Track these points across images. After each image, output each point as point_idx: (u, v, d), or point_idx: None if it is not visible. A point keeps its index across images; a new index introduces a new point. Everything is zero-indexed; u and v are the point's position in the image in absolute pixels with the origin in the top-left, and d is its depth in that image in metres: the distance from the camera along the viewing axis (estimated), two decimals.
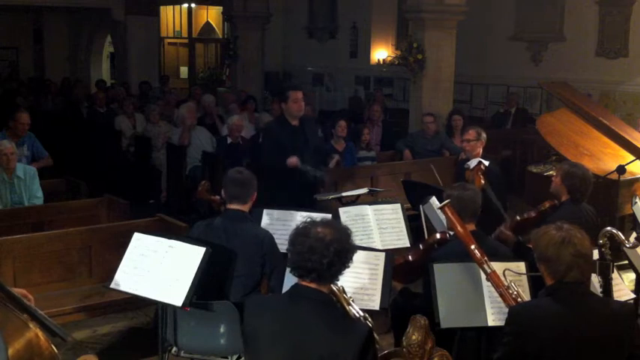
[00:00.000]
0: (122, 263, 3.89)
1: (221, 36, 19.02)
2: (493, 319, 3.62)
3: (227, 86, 15.88)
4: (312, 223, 2.81)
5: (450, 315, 3.62)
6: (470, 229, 3.79)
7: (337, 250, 2.73)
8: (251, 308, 2.87)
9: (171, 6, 18.20)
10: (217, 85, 16.96)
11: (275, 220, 4.65)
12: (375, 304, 3.88)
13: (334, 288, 2.97)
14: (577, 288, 2.98)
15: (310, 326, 2.68)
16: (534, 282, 3.58)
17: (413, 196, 5.87)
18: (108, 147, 9.59)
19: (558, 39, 11.29)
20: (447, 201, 3.80)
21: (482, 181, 5.23)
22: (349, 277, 3.83)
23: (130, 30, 16.17)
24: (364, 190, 6.05)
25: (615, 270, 3.78)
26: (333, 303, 2.90)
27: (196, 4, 18.32)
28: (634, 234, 4.26)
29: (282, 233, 4.39)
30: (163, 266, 3.78)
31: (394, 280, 4.17)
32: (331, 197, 5.86)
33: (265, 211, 4.68)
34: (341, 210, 4.92)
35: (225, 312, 3.83)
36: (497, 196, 5.30)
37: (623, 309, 3.08)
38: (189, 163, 8.55)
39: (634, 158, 6.73)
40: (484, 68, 12.15)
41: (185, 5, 18.32)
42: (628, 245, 3.83)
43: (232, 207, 4.18)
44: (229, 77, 15.52)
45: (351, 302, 3.08)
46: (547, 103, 11.19)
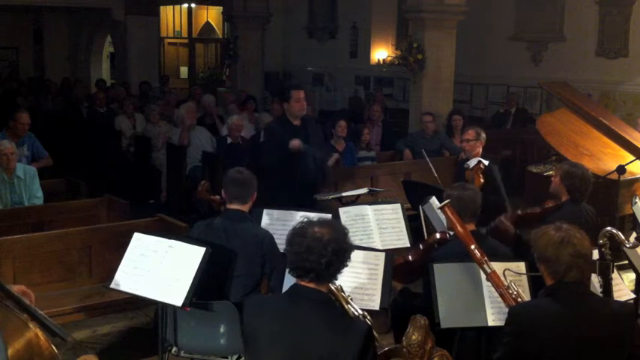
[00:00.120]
0: (122, 263, 3.89)
1: (221, 36, 19.01)
2: (493, 319, 3.62)
3: (227, 86, 15.88)
4: (309, 223, 2.81)
5: (450, 315, 3.62)
6: (470, 229, 3.79)
7: (335, 250, 2.73)
8: (250, 308, 2.87)
9: (171, 6, 18.19)
10: (217, 85, 16.96)
11: (275, 220, 4.65)
12: (375, 304, 3.87)
13: (332, 287, 2.98)
14: (577, 288, 2.98)
15: (310, 326, 2.69)
16: (534, 282, 3.58)
17: (413, 196, 5.87)
18: (108, 147, 9.59)
19: (558, 39, 11.29)
20: (447, 201, 3.80)
21: (481, 180, 5.24)
22: (349, 277, 3.83)
23: (130, 30, 16.17)
24: (364, 190, 6.05)
25: (615, 270, 3.78)
26: (332, 302, 2.90)
27: (196, 4, 18.32)
28: (634, 234, 4.26)
29: (282, 233, 4.38)
30: (163, 266, 3.78)
31: (394, 280, 4.16)
32: (331, 197, 5.87)
33: (265, 211, 4.67)
34: (341, 210, 4.91)
35: (225, 312, 3.83)
36: (494, 196, 5.31)
37: (623, 309, 3.08)
38: (189, 163, 8.55)
39: (634, 158, 6.73)
40: (484, 68, 12.15)
41: (185, 5, 18.32)
42: (628, 245, 3.83)
43: (232, 207, 4.19)
44: (229, 77, 15.52)
45: (350, 301, 3.08)
46: (547, 103, 11.19)
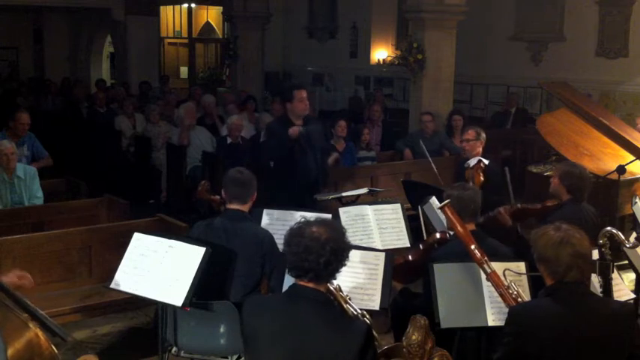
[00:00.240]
0: (122, 263, 3.89)
1: (221, 36, 19.01)
2: (493, 319, 3.62)
3: (227, 86, 15.87)
4: (306, 223, 2.81)
5: (450, 315, 3.62)
6: (470, 229, 3.79)
7: (333, 249, 2.73)
8: (250, 308, 2.86)
9: (171, 6, 18.19)
10: (217, 85, 16.96)
11: (275, 220, 4.64)
12: (375, 304, 3.88)
13: (331, 287, 2.98)
14: (577, 288, 2.98)
15: (309, 326, 2.69)
16: (534, 282, 3.58)
17: (413, 196, 5.86)
18: (108, 147, 9.59)
19: (558, 39, 11.28)
20: (447, 201, 3.80)
21: (481, 179, 5.25)
22: (349, 277, 3.84)
23: (130, 30, 16.17)
24: (364, 190, 6.05)
25: (615, 270, 3.78)
26: (332, 302, 2.90)
27: (196, 4, 18.32)
28: (634, 234, 4.26)
29: (282, 233, 4.33)
30: (163, 266, 3.78)
31: (394, 280, 4.17)
32: (331, 197, 5.86)
33: (265, 211, 4.67)
34: (341, 210, 4.91)
35: (225, 312, 3.83)
36: (496, 196, 5.30)
37: (623, 309, 3.08)
38: (189, 163, 8.55)
39: (634, 158, 6.73)
40: (484, 68, 12.15)
41: (185, 5, 18.32)
42: (628, 245, 3.83)
43: (232, 207, 4.18)
44: (229, 77, 15.51)
45: (349, 301, 3.08)
46: (547, 103, 11.19)
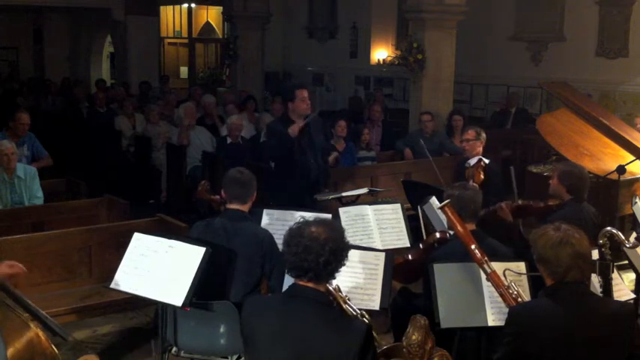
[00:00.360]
0: (122, 263, 3.89)
1: (221, 36, 19.00)
2: (493, 319, 3.62)
3: (227, 86, 15.87)
4: (305, 223, 2.81)
5: (450, 315, 3.62)
6: (470, 229, 3.79)
7: (332, 249, 2.73)
8: (249, 308, 2.86)
9: (171, 6, 18.18)
10: (217, 85, 16.96)
11: (275, 220, 4.64)
12: (375, 304, 3.88)
13: (330, 288, 2.98)
14: (577, 288, 2.98)
15: (309, 326, 2.69)
16: (534, 282, 3.58)
17: (413, 196, 5.87)
18: (108, 147, 9.58)
19: (558, 39, 11.28)
20: (447, 201, 3.80)
21: (481, 177, 5.25)
22: (349, 277, 3.84)
23: (130, 30, 16.15)
24: (364, 190, 6.05)
25: (615, 270, 3.78)
26: (331, 302, 2.90)
27: (196, 4, 18.31)
28: (634, 234, 4.26)
29: (282, 233, 4.31)
30: (163, 266, 3.78)
31: (394, 280, 4.17)
32: (331, 197, 5.87)
33: (265, 211, 4.67)
34: (341, 210, 4.91)
35: (225, 312, 3.83)
36: (496, 195, 5.31)
37: (623, 309, 3.08)
38: (189, 163, 8.55)
39: (634, 158, 6.72)
40: (484, 68, 12.15)
41: (185, 5, 18.31)
42: (628, 245, 3.83)
43: (232, 207, 4.18)
44: (229, 77, 15.49)
45: (348, 301, 3.08)
46: (547, 103, 11.19)
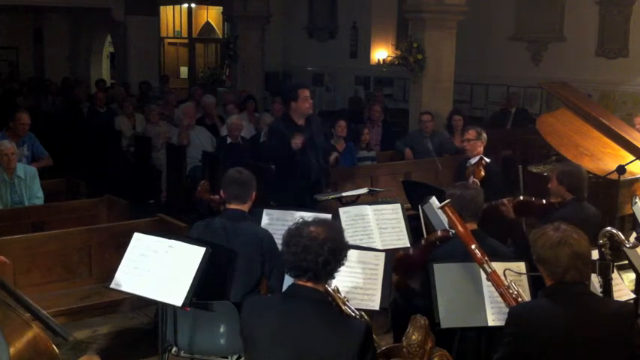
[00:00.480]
0: (122, 263, 3.89)
1: (221, 36, 18.99)
2: (493, 319, 3.62)
3: (227, 86, 15.86)
4: (304, 223, 2.82)
5: (450, 315, 3.62)
6: (471, 229, 3.79)
7: (332, 249, 2.73)
8: (249, 309, 2.87)
9: (171, 6, 18.18)
10: (217, 85, 16.93)
11: (275, 220, 4.64)
12: (375, 304, 3.87)
13: (329, 289, 2.98)
14: (577, 288, 2.98)
15: (309, 325, 2.69)
16: (534, 282, 3.58)
17: (413, 196, 5.87)
18: (108, 147, 9.59)
19: (558, 39, 11.28)
20: (447, 201, 3.80)
21: (482, 174, 5.25)
22: (349, 277, 3.83)
23: (130, 30, 16.16)
24: (364, 190, 6.05)
25: (615, 270, 3.78)
26: (330, 302, 2.90)
27: (196, 4, 18.31)
28: (634, 234, 4.26)
29: (281, 233, 4.27)
30: (163, 266, 3.78)
31: (394, 273, 4.15)
32: (331, 197, 5.86)
33: (265, 211, 4.67)
34: (341, 210, 4.91)
35: (225, 312, 3.83)
36: (496, 194, 5.30)
37: (623, 309, 3.08)
38: (189, 163, 8.55)
39: (634, 158, 6.72)
40: (484, 68, 12.14)
41: (185, 5, 18.31)
42: (628, 245, 3.84)
43: (232, 207, 4.19)
44: (229, 77, 15.49)
45: (346, 302, 3.08)
46: (547, 103, 11.19)
